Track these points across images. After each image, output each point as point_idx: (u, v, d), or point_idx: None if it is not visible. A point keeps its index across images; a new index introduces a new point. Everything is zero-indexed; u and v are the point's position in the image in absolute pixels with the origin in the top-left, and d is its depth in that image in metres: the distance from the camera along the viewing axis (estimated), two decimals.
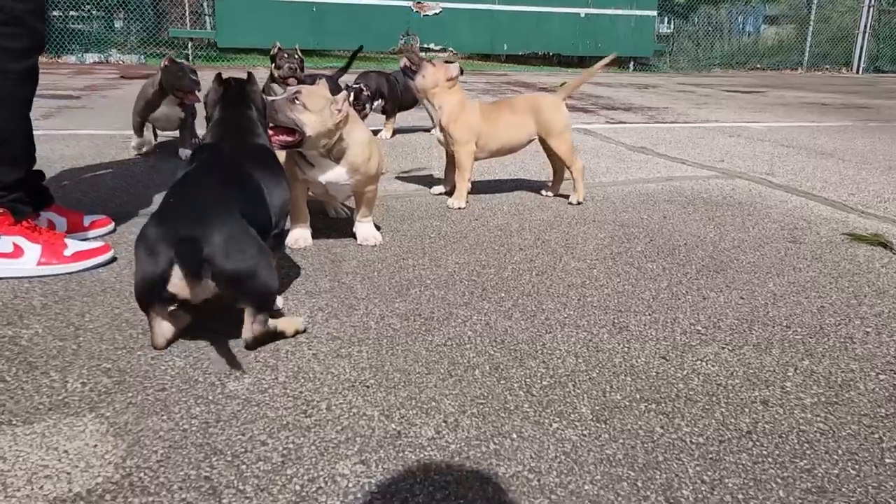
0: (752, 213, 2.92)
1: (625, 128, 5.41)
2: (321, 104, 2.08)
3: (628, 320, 1.82)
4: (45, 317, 1.73)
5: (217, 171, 1.65)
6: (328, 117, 2.08)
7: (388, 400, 1.40)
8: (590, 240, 2.50)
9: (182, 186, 1.60)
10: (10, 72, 1.90)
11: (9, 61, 1.89)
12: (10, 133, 1.96)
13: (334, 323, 1.75)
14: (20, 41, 1.90)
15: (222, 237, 1.47)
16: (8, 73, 1.90)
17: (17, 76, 1.92)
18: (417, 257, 2.26)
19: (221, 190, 1.58)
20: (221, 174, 1.64)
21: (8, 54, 1.88)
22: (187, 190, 1.59)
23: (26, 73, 1.95)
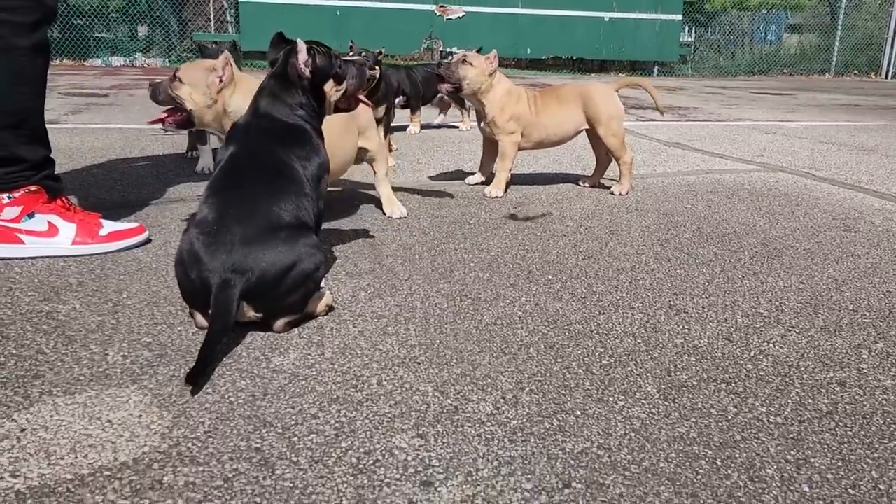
0: (801, 203, 2.82)
1: (657, 125, 5.31)
2: (198, 76, 1.92)
3: (685, 303, 1.73)
4: (82, 293, 1.68)
5: (257, 171, 1.57)
6: (207, 88, 1.92)
7: (441, 376, 1.33)
8: (634, 227, 2.42)
9: (219, 194, 1.52)
10: (20, 47, 1.82)
11: (17, 36, 1.80)
12: (29, 111, 1.89)
13: (378, 302, 1.69)
14: (27, 14, 1.81)
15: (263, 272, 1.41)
16: (18, 49, 1.81)
17: (27, 51, 1.83)
18: (458, 241, 2.19)
19: (263, 202, 1.50)
20: (262, 173, 1.56)
21: (15, 29, 1.80)
22: (226, 201, 1.50)
23: (37, 48, 1.86)
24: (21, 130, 1.87)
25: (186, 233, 1.49)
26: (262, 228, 1.45)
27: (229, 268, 1.39)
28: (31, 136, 1.90)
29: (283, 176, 1.56)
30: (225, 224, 1.45)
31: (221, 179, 1.56)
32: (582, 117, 2.83)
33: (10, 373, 1.29)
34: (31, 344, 1.41)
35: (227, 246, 1.41)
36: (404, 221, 2.40)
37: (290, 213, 1.50)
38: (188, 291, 1.47)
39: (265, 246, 1.43)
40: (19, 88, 1.85)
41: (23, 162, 1.88)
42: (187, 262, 1.44)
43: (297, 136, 1.66)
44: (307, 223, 1.54)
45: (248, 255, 1.41)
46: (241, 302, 1.41)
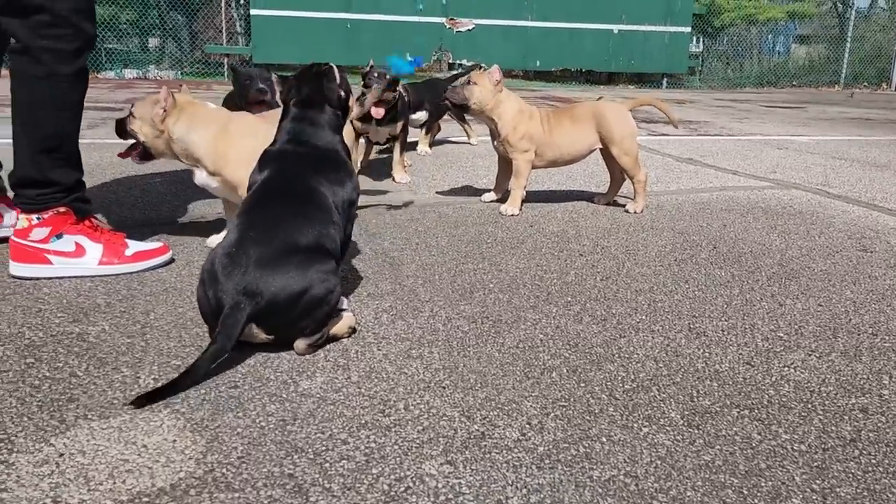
0: (815, 222, 2.83)
1: (668, 140, 5.33)
2: (145, 110, 2.02)
3: (704, 326, 1.75)
4: (111, 314, 1.71)
5: (287, 197, 1.61)
6: (152, 120, 2.02)
7: (466, 401, 1.35)
8: (650, 246, 2.44)
9: (246, 217, 1.56)
10: (62, 74, 1.87)
11: (59, 63, 1.85)
12: (67, 135, 1.94)
13: (401, 325, 1.71)
14: (69, 42, 1.86)
15: (273, 295, 1.43)
16: (60, 75, 1.86)
17: (69, 78, 1.89)
18: (477, 262, 2.21)
19: (284, 227, 1.53)
20: (291, 199, 1.60)
21: (57, 56, 1.84)
22: (250, 224, 1.54)
23: (78, 75, 1.91)
24: (57, 154, 1.92)
25: (212, 252, 1.53)
26: (278, 252, 1.48)
27: (241, 290, 1.43)
28: (66, 160, 1.95)
29: (311, 202, 1.60)
30: (243, 246, 1.48)
31: (252, 203, 1.59)
32: (595, 136, 2.85)
33: (45, 396, 1.32)
34: (63, 366, 1.43)
35: (242, 268, 1.45)
36: (423, 241, 2.42)
37: (309, 239, 1.53)
38: (205, 311, 1.50)
39: (277, 270, 1.45)
40: (60, 113, 1.91)
41: (55, 185, 1.92)
42: (207, 282, 1.47)
43: (330, 162, 1.71)
44: (327, 250, 1.57)
45: (259, 277, 1.44)
46: (251, 324, 1.44)
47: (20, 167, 1.92)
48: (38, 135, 1.90)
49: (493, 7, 12.44)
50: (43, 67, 1.84)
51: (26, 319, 1.66)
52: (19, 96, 1.88)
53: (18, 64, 1.85)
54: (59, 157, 1.93)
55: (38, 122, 1.89)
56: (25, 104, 1.88)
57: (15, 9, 1.80)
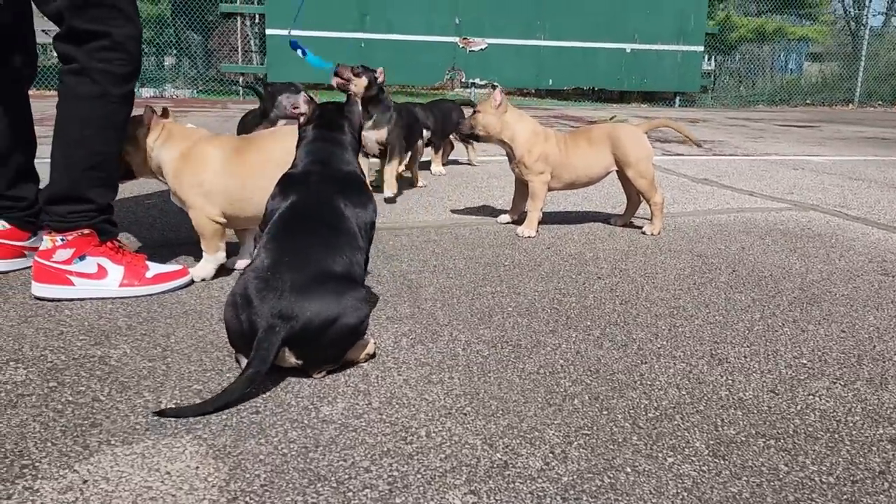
0: (835, 245, 2.81)
1: (683, 160, 5.32)
2: (131, 128, 2.08)
3: (726, 352, 1.73)
4: (132, 337, 1.72)
5: (316, 222, 1.62)
6: (137, 138, 2.10)
7: (488, 428, 1.34)
8: (669, 269, 2.42)
9: (277, 241, 1.57)
10: (113, 95, 1.93)
11: (111, 85, 1.92)
12: (110, 155, 1.98)
13: (420, 349, 1.70)
14: (123, 66, 1.93)
15: (309, 320, 1.44)
16: (111, 96, 1.92)
17: (118, 100, 1.95)
18: (495, 285, 2.21)
19: (318, 254, 1.55)
20: (320, 225, 1.61)
21: (112, 78, 1.91)
22: (283, 248, 1.55)
23: (125, 97, 1.97)
24: (97, 172, 1.96)
25: (242, 276, 1.53)
26: (313, 278, 1.49)
27: (276, 313, 1.43)
28: (104, 180, 1.98)
29: (339, 229, 1.61)
30: (279, 270, 1.49)
31: (281, 227, 1.60)
32: (611, 159, 2.86)
33: (68, 421, 1.32)
34: (86, 391, 1.44)
35: (277, 292, 1.45)
36: (440, 263, 2.42)
37: (341, 267, 1.54)
38: (236, 333, 1.50)
39: (313, 295, 1.46)
40: (106, 132, 1.96)
41: (89, 203, 1.95)
42: (239, 305, 1.48)
43: (353, 185, 1.73)
44: (357, 277, 1.58)
45: (295, 302, 1.44)
46: (284, 348, 1.44)
47: (55, 184, 1.95)
48: (83, 152, 1.94)
49: (506, 26, 12.52)
50: (98, 87, 1.90)
51: (48, 342, 1.67)
52: (69, 113, 1.93)
53: (72, 83, 1.91)
54: (98, 175, 1.97)
55: (85, 141, 1.93)
56: (75, 122, 1.93)
57: (75, 36, 1.87)
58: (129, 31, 1.92)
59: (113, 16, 1.88)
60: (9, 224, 2.15)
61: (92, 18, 1.85)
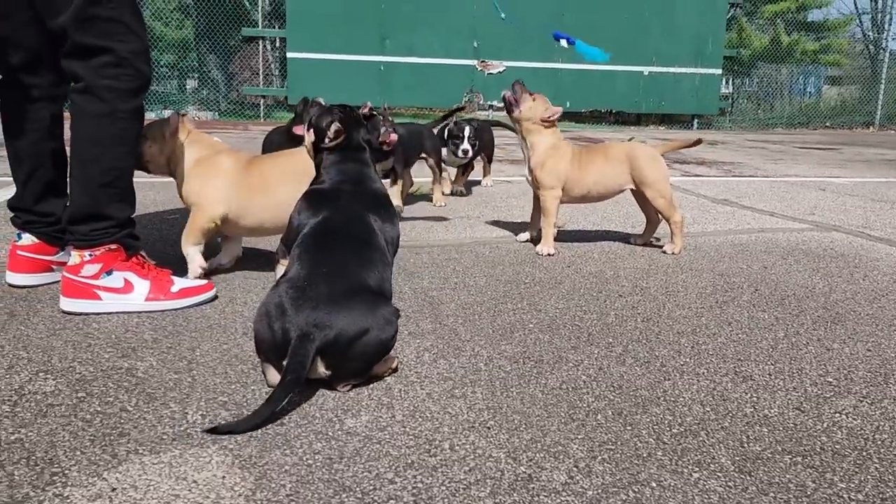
0: (859, 265, 2.79)
1: (703, 181, 5.31)
2: (156, 129, 2.28)
3: (751, 369, 1.72)
4: (158, 350, 1.74)
5: (348, 238, 1.65)
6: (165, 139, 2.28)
7: (511, 442, 1.34)
8: (691, 288, 2.42)
9: (311, 254, 1.60)
10: (121, 111, 1.97)
11: (119, 101, 1.95)
12: (124, 170, 2.02)
13: (443, 364, 1.71)
14: (129, 82, 1.96)
15: (342, 329, 1.46)
16: (119, 112, 1.96)
17: (127, 115, 1.98)
18: (515, 302, 2.21)
19: (352, 267, 1.58)
20: (352, 241, 1.65)
21: (119, 94, 1.95)
22: (318, 261, 1.58)
23: (135, 112, 2.02)
24: (113, 189, 1.99)
25: (276, 287, 1.55)
26: (349, 291, 1.51)
27: (311, 322, 1.45)
28: (121, 195, 2.02)
29: (370, 245, 1.64)
30: (314, 282, 1.52)
31: (314, 241, 1.63)
32: (627, 177, 2.87)
33: (96, 430, 1.34)
34: (114, 401, 1.46)
35: (313, 301, 1.48)
36: (461, 281, 2.43)
37: (374, 282, 1.57)
38: (268, 342, 1.51)
39: (348, 307, 1.48)
40: (118, 148, 1.99)
41: (109, 219, 1.99)
42: (273, 314, 1.49)
43: (381, 202, 1.78)
44: (387, 293, 1.60)
45: (331, 312, 1.46)
46: (316, 357, 1.46)
47: (75, 204, 1.99)
48: (97, 169, 1.98)
49: (524, 50, 12.62)
50: (105, 105, 1.94)
51: (77, 354, 1.70)
52: (80, 133, 1.97)
53: (81, 102, 1.95)
54: (114, 191, 2.00)
55: (98, 158, 1.97)
56: (86, 140, 1.97)
57: (80, 52, 1.90)
58: (135, 46, 1.95)
59: (118, 31, 1.92)
60: (37, 239, 2.19)
61: (96, 34, 1.89)
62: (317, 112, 1.80)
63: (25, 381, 1.55)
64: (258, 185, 2.26)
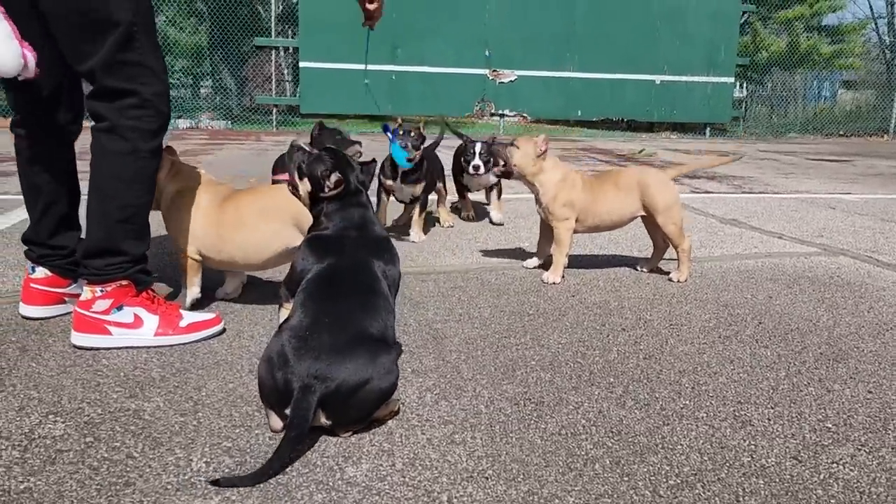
0: (864, 295, 2.78)
1: (712, 198, 5.31)
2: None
3: (750, 413, 1.73)
4: (165, 389, 1.78)
5: (352, 285, 1.68)
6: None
7: (509, 494, 1.36)
8: (694, 321, 2.43)
9: (315, 302, 1.63)
10: (143, 150, 2.02)
11: (141, 141, 2.01)
12: (141, 207, 2.06)
13: (444, 406, 1.73)
14: (151, 122, 2.02)
15: (343, 381, 1.48)
16: (141, 151, 2.02)
17: (147, 154, 2.04)
18: (519, 336, 2.23)
19: (355, 316, 1.60)
20: (356, 288, 1.67)
21: (141, 134, 2.01)
22: (321, 310, 1.60)
23: (154, 152, 2.07)
24: (129, 225, 2.04)
25: (279, 334, 1.58)
26: (351, 340, 1.54)
27: (313, 373, 1.47)
28: (137, 232, 2.07)
29: (374, 292, 1.67)
30: (317, 331, 1.54)
31: (317, 289, 1.66)
32: (638, 205, 2.88)
33: (103, 479, 1.37)
34: (120, 447, 1.49)
35: (315, 352, 1.50)
36: (466, 312, 2.46)
37: (377, 330, 1.60)
38: (270, 389, 1.54)
39: (350, 357, 1.51)
40: (136, 186, 2.05)
41: (124, 255, 2.03)
42: (276, 363, 1.52)
43: (382, 246, 1.81)
44: (390, 340, 1.63)
45: (332, 363, 1.49)
46: (318, 408, 1.48)
47: (91, 238, 2.04)
48: (115, 205, 2.03)
49: (535, 58, 12.64)
50: (128, 144, 2.00)
51: (86, 394, 1.74)
52: (102, 170, 2.02)
53: (104, 141, 2.00)
54: (131, 227, 2.05)
55: (117, 195, 2.03)
56: (107, 177, 2.02)
57: (106, 94, 1.97)
58: (157, 89, 2.01)
59: (143, 74, 1.98)
60: (50, 272, 2.23)
61: (123, 77, 1.95)
62: (306, 159, 1.81)
63: (35, 423, 1.58)
64: (231, 222, 2.28)
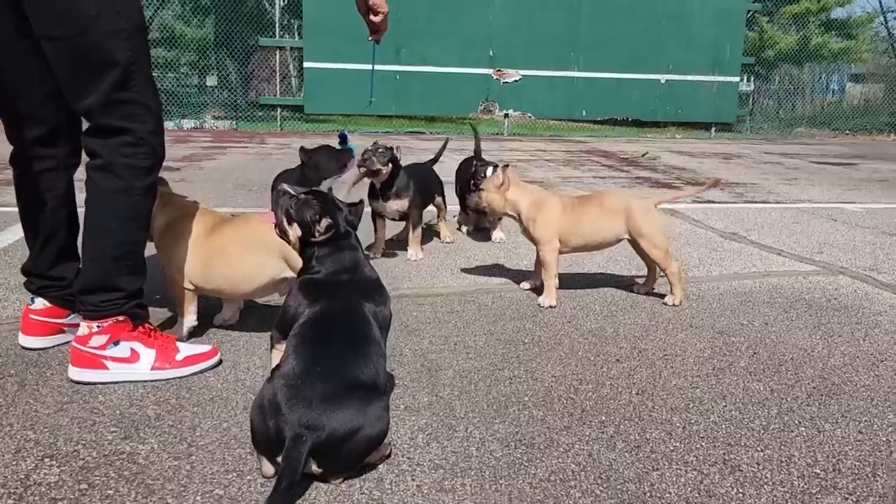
0: (861, 320, 2.79)
1: (713, 208, 5.30)
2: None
3: (739, 457, 1.74)
4: (160, 430, 1.80)
5: (345, 330, 1.70)
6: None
7: None
8: (689, 350, 2.44)
9: (308, 349, 1.64)
10: (137, 188, 2.03)
11: (135, 179, 2.02)
12: (135, 244, 2.08)
13: (435, 448, 1.75)
14: (145, 160, 2.04)
15: (334, 430, 1.50)
16: (135, 189, 2.03)
17: (141, 192, 2.05)
18: (513, 368, 2.25)
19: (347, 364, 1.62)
20: (348, 334, 1.69)
21: (135, 172, 2.02)
22: (313, 357, 1.62)
23: (148, 189, 2.08)
24: (125, 262, 2.06)
25: (271, 381, 1.60)
26: (342, 389, 1.56)
27: (304, 423, 1.49)
28: (132, 268, 2.09)
29: (366, 338, 1.69)
30: (308, 380, 1.56)
31: (310, 335, 1.67)
32: (622, 228, 2.90)
33: None
34: (114, 494, 1.51)
35: (306, 401, 1.52)
36: (461, 340, 2.47)
37: (368, 377, 1.61)
38: (262, 436, 1.56)
39: (340, 407, 1.53)
40: (131, 223, 2.06)
41: (120, 291, 2.05)
42: (268, 411, 1.54)
43: (374, 288, 1.82)
44: (381, 386, 1.64)
45: (323, 413, 1.51)
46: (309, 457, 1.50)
47: (87, 274, 2.06)
48: (110, 243, 2.05)
49: (540, 58, 12.62)
50: (122, 182, 2.01)
51: (82, 435, 1.76)
52: (95, 208, 2.04)
53: (98, 179, 2.02)
54: (126, 264, 2.07)
55: (112, 232, 2.04)
56: (101, 215, 2.04)
57: (101, 132, 1.98)
58: (152, 127, 2.03)
59: (139, 112, 1.99)
60: (49, 303, 2.26)
61: (119, 116, 1.96)
62: (293, 204, 1.82)
63: (31, 468, 1.61)
64: (217, 254, 2.30)
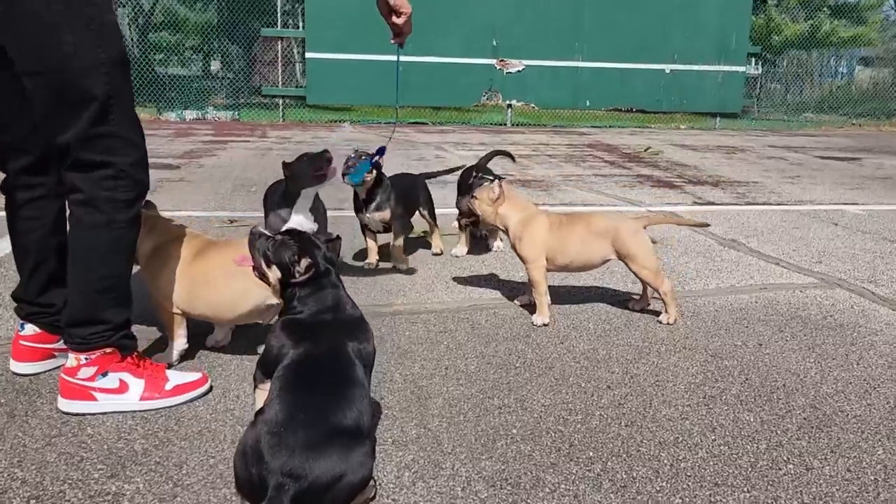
0: (856, 341, 2.77)
1: (714, 212, 5.27)
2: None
3: (725, 498, 1.74)
4: (146, 467, 1.80)
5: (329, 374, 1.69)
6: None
7: None
8: (681, 376, 2.43)
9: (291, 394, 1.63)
10: (119, 221, 2.02)
11: (117, 212, 2.01)
12: (120, 277, 2.07)
13: (421, 488, 1.75)
14: (127, 192, 2.02)
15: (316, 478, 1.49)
16: (117, 222, 2.01)
17: (124, 225, 2.04)
18: (503, 396, 2.24)
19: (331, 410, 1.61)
20: (333, 378, 1.68)
21: (117, 205, 2.01)
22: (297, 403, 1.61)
23: (132, 222, 2.07)
24: (110, 294, 2.05)
25: (254, 427, 1.60)
26: (324, 436, 1.55)
27: (287, 471, 1.49)
28: (118, 299, 2.08)
29: (349, 380, 1.69)
30: (292, 427, 1.56)
31: (294, 378, 1.67)
32: (609, 250, 2.90)
33: None
34: None
35: (289, 449, 1.52)
36: (452, 364, 2.47)
37: (351, 421, 1.61)
38: (244, 482, 1.57)
39: (322, 454, 1.53)
40: (114, 257, 2.05)
41: (106, 323, 2.05)
42: (250, 458, 1.54)
43: (357, 326, 1.82)
44: (364, 429, 1.64)
45: (305, 461, 1.51)
46: None
47: (73, 308, 2.06)
48: (94, 276, 2.04)
49: (543, 48, 12.53)
50: (103, 216, 1.99)
51: (68, 473, 1.77)
52: (78, 242, 2.03)
53: (79, 213, 2.01)
54: (111, 296, 2.06)
55: (94, 266, 2.04)
56: (84, 249, 2.03)
57: (81, 165, 1.96)
58: (133, 158, 2.01)
59: (119, 146, 1.97)
60: (39, 329, 2.26)
61: (98, 150, 1.94)
62: (270, 246, 1.81)
63: None
64: (201, 280, 2.30)
